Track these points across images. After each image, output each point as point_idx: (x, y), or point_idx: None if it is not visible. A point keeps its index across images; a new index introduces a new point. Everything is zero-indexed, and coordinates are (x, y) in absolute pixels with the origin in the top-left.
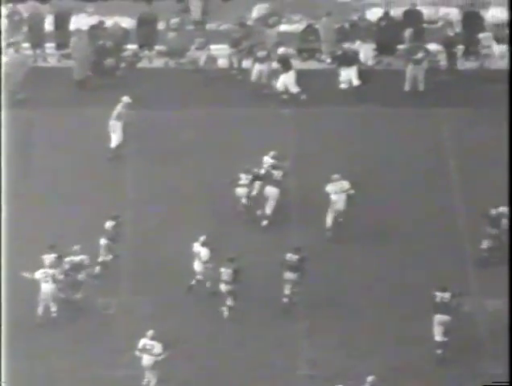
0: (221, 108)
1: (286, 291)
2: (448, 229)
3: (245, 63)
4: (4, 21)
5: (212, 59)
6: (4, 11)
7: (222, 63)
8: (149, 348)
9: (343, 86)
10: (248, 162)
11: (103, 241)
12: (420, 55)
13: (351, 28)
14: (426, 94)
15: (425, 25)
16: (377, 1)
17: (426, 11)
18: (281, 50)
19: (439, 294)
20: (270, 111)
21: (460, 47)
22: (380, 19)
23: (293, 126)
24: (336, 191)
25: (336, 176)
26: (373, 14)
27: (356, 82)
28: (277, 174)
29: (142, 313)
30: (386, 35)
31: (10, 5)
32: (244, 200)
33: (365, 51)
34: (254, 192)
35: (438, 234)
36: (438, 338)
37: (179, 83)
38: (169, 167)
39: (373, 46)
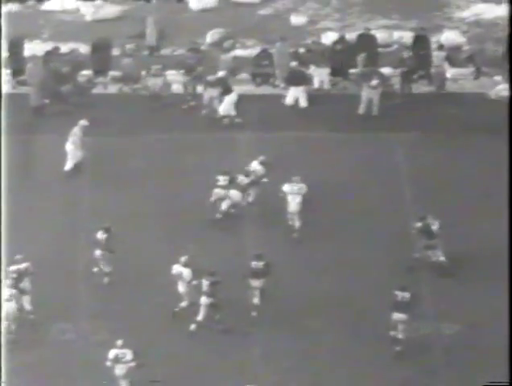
0: (176, 133)
1: (255, 300)
2: (404, 251)
3: (200, 89)
4: None
5: (166, 85)
6: None
7: (176, 88)
8: (121, 357)
9: (288, 102)
10: (204, 186)
11: (98, 252)
12: (375, 82)
13: (306, 52)
14: (380, 118)
15: (379, 49)
16: (331, 25)
17: (380, 35)
18: (220, 73)
19: (399, 293)
20: (223, 136)
21: (414, 71)
22: (335, 43)
23: (247, 151)
24: (292, 192)
25: (295, 178)
26: (328, 38)
27: (304, 103)
28: (241, 179)
29: (99, 338)
30: (340, 59)
31: None
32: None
33: (320, 76)
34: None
35: (393, 257)
36: (393, 332)
37: (134, 109)
38: (124, 192)
39: (327, 70)
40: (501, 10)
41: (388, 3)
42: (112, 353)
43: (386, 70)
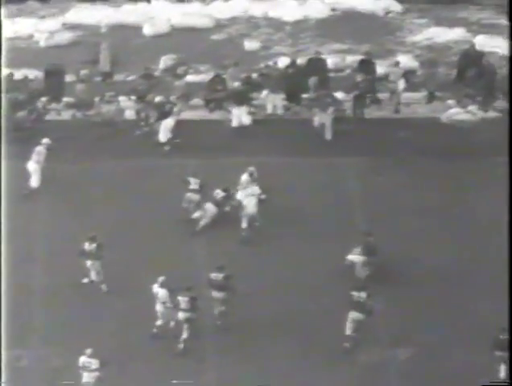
0: (129, 159)
1: (216, 311)
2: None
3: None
4: None
5: (119, 111)
6: None
7: (129, 114)
8: (87, 365)
9: (234, 124)
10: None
11: (89, 263)
12: (331, 109)
13: (259, 77)
14: (333, 143)
15: (332, 73)
16: (285, 50)
17: (333, 59)
18: (157, 99)
19: (355, 294)
20: (175, 161)
21: (366, 95)
22: (287, 67)
23: (200, 176)
24: (247, 194)
25: (244, 180)
26: (282, 62)
27: (246, 121)
28: (216, 193)
29: (54, 364)
30: (292, 84)
31: None
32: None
33: (273, 101)
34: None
35: (344, 283)
36: (348, 332)
37: (88, 135)
38: (79, 218)
39: (281, 95)
40: (453, 34)
41: (340, 28)
42: (80, 360)
43: (338, 94)
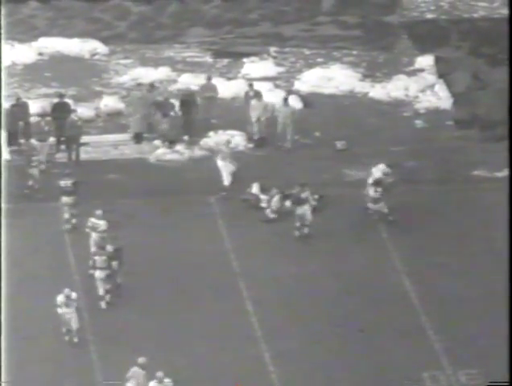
0: None
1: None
2: None
3: None
4: None
5: None
6: None
7: None
8: None
9: None
10: None
11: None
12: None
13: None
14: (45, 188)
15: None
16: None
17: (40, 104)
18: None
19: None
20: None
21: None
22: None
23: None
24: None
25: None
26: None
27: None
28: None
29: None
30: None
31: None
32: None
33: None
34: None
35: None
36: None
37: None
38: None
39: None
40: (159, 74)
41: (47, 72)
42: None
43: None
